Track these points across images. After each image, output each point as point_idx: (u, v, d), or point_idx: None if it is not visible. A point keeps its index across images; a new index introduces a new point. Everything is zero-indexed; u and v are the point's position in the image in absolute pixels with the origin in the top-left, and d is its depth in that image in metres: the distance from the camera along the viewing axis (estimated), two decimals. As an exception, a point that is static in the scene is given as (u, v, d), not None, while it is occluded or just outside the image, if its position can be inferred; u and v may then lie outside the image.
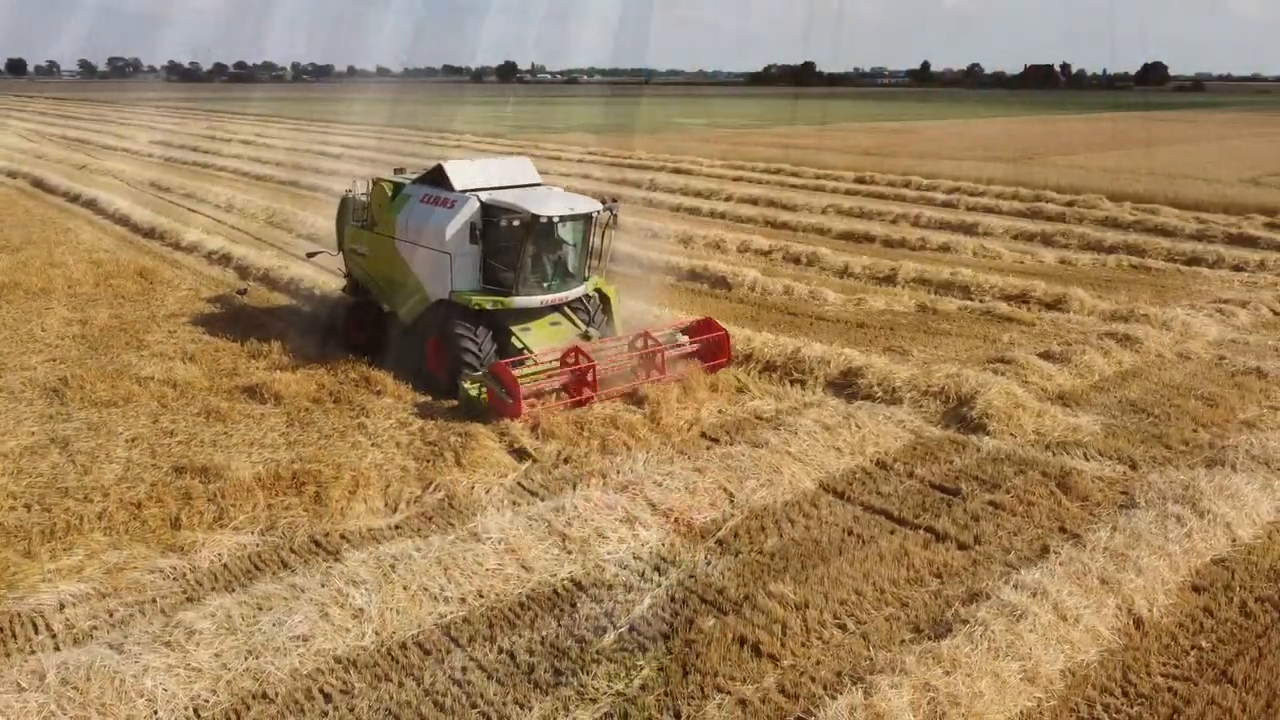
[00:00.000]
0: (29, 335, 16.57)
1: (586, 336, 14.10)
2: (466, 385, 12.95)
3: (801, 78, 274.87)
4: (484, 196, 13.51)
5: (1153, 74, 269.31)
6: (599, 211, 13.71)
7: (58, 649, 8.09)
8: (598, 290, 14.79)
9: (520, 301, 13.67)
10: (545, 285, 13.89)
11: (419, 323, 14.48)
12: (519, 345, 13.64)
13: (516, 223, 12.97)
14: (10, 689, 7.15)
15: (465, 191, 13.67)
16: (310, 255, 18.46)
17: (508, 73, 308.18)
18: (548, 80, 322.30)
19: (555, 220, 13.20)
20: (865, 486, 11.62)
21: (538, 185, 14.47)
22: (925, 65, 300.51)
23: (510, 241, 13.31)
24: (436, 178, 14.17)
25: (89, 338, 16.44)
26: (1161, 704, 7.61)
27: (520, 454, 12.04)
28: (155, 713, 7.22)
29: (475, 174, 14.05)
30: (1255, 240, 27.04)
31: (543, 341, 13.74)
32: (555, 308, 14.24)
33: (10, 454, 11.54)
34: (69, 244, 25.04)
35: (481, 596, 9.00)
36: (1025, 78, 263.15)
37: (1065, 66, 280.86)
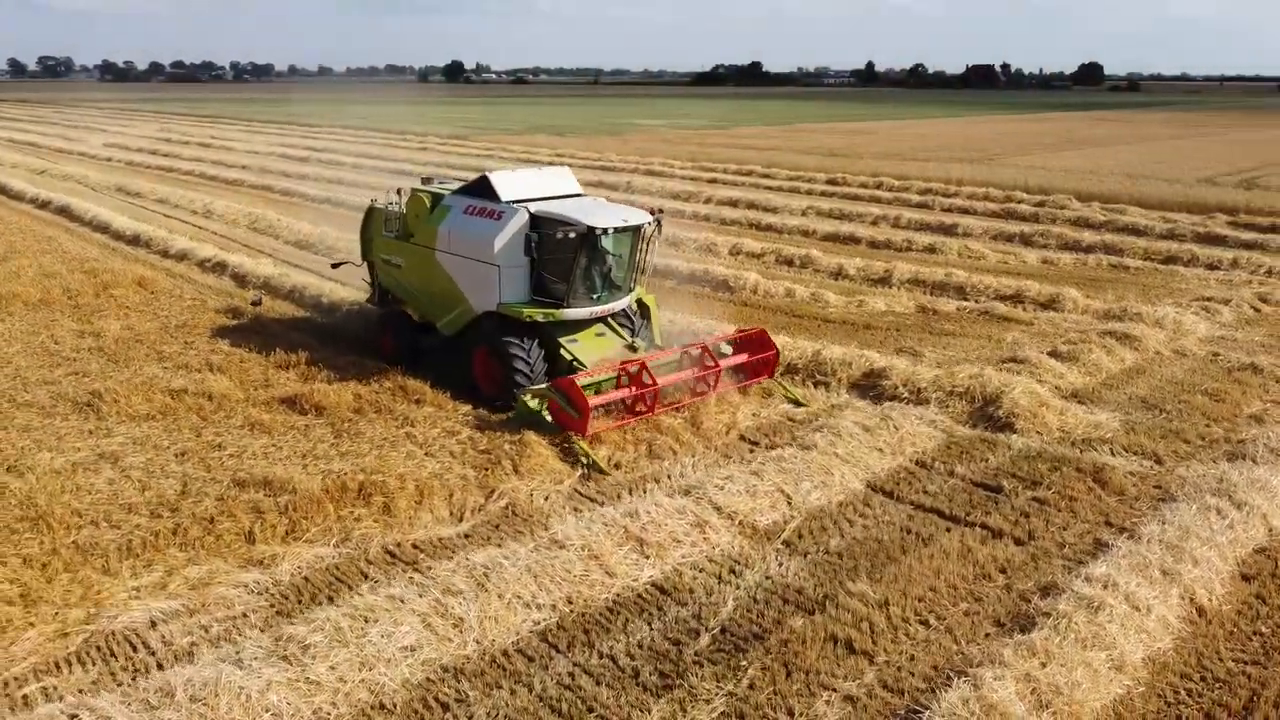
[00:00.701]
0: (43, 348, 16.29)
1: (633, 348, 14.21)
2: (527, 399, 12.92)
3: (749, 77, 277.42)
4: (533, 208, 13.56)
5: (1089, 74, 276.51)
6: (649, 223, 13.86)
7: (160, 667, 8.11)
8: (638, 300, 14.96)
9: (571, 313, 13.73)
10: (595, 297, 13.99)
11: (461, 335, 14.52)
12: (568, 357, 13.72)
13: (572, 234, 13.05)
14: (141, 707, 7.18)
15: (512, 203, 13.73)
16: (335, 265, 18.31)
17: (455, 72, 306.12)
18: (494, 80, 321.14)
19: (611, 232, 13.32)
20: (912, 486, 12.00)
21: (579, 195, 14.60)
22: (870, 65, 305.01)
23: (563, 253, 13.35)
24: (480, 189, 14.17)
25: (106, 350, 16.21)
26: (1240, 687, 8.06)
27: (583, 463, 12.15)
28: (281, 727, 7.30)
29: (520, 185, 14.10)
30: (1223, 239, 28.10)
31: (591, 353, 13.84)
32: (599, 318, 14.37)
33: (62, 471, 11.41)
34: (54, 253, 24.52)
35: (570, 603, 9.17)
36: (967, 78, 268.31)
37: (1005, 66, 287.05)
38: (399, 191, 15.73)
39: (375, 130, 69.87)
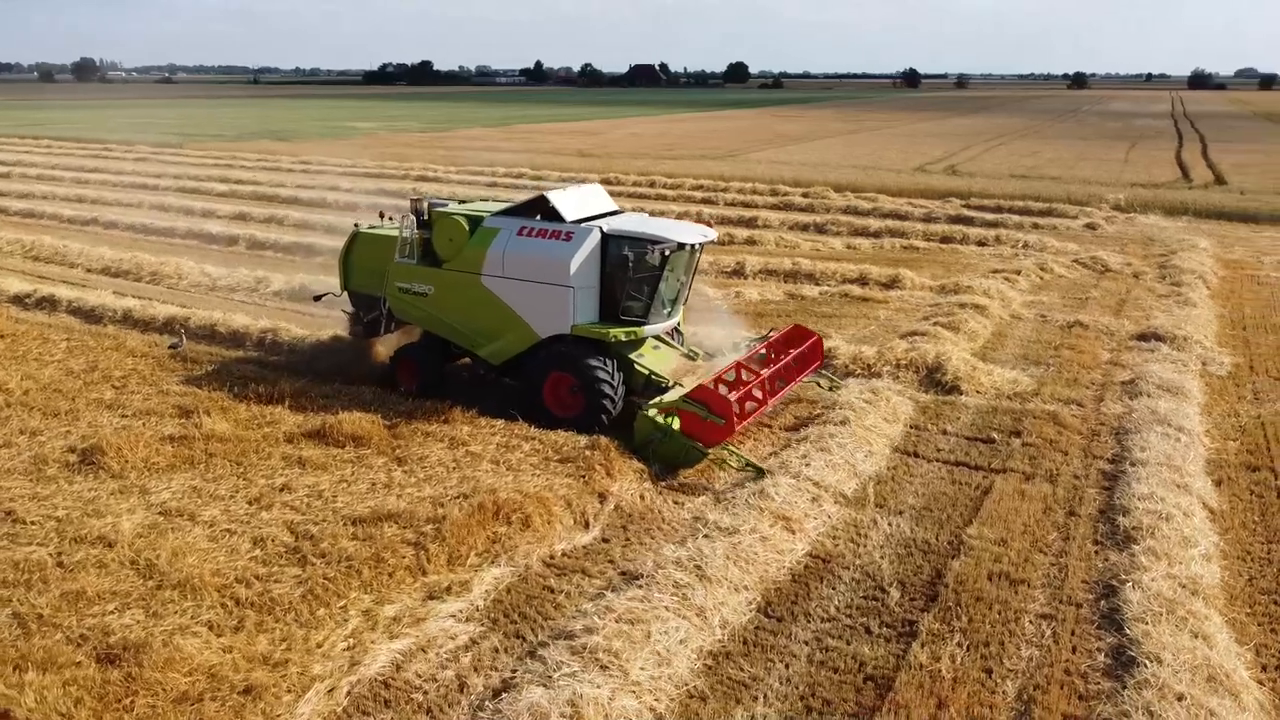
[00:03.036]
0: (-56, 409, 14.02)
1: (691, 357, 14.78)
2: (652, 415, 12.86)
3: (420, 76, 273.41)
4: (605, 227, 13.64)
5: (737, 73, 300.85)
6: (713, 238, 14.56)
7: (449, 703, 8.09)
8: None
9: (649, 330, 13.92)
10: (666, 312, 14.35)
11: (511, 362, 14.21)
12: (645, 373, 13.96)
13: (667, 252, 13.46)
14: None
15: (578, 222, 13.75)
16: (317, 298, 16.80)
17: (86, 70, 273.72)
18: (133, 79, 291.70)
19: (698, 247, 13.83)
20: (925, 445, 13.90)
21: (619, 212, 14.88)
22: (538, 64, 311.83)
23: (647, 270, 13.60)
24: (539, 209, 14.05)
25: (26, 403, 14.23)
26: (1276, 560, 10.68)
27: (734, 466, 12.78)
28: (634, 727, 7.71)
29: (578, 204, 14.07)
30: (971, 219, 33.10)
31: (659, 366, 14.19)
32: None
33: (143, 534, 10.32)
34: None
35: (762, 580, 10.07)
36: (632, 76, 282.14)
37: (663, 65, 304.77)
38: (381, 214, 15.17)
39: (63, 140, 62.04)
